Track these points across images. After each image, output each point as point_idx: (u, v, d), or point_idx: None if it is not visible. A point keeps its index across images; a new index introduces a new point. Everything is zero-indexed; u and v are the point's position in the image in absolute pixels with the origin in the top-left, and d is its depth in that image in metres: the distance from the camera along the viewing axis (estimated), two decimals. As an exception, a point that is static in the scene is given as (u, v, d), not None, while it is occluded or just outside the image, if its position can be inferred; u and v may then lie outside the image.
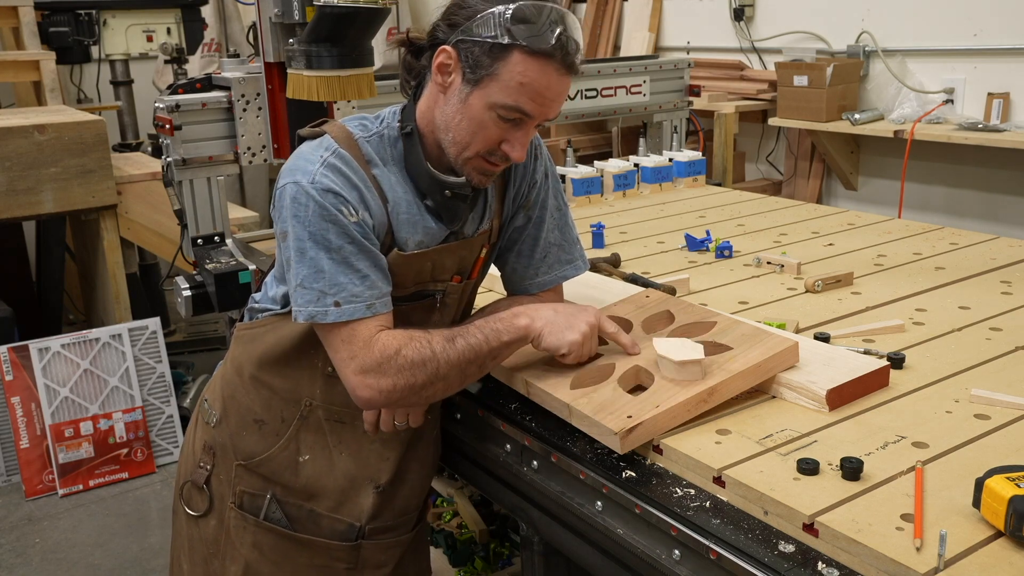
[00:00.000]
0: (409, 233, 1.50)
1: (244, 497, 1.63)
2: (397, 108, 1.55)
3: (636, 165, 3.20)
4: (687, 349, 1.44)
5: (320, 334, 1.45)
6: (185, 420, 3.83)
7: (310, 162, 1.43)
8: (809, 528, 1.14)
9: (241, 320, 1.70)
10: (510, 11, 1.36)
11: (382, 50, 6.12)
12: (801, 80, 4.21)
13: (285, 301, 1.56)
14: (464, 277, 1.62)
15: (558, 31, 1.37)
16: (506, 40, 1.36)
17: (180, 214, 2.54)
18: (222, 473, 1.65)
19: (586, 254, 1.76)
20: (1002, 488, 1.08)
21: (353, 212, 1.42)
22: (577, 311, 1.51)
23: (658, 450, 1.36)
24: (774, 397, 1.49)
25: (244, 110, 2.49)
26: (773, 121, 4.47)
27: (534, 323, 1.47)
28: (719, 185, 3.38)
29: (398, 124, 1.52)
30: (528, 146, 1.50)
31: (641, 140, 3.41)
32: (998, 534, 1.10)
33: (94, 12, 4.50)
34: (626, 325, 1.63)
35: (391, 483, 1.64)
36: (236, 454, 1.63)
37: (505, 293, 1.76)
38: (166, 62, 4.84)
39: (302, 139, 1.53)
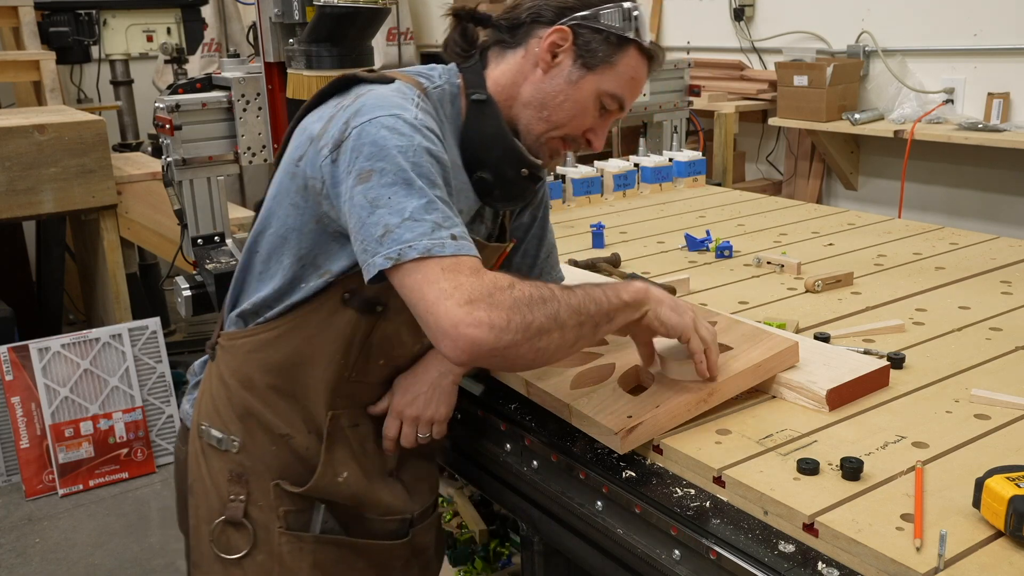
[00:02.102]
0: (454, 200, 1.37)
1: (290, 517, 1.45)
2: (452, 68, 1.47)
3: (636, 165, 3.19)
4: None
5: (411, 272, 1.19)
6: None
7: (404, 99, 1.32)
8: (809, 528, 1.14)
9: (222, 329, 1.52)
10: (637, 10, 1.40)
11: (382, 50, 6.12)
12: (801, 80, 4.22)
13: (303, 298, 1.39)
14: None
15: (651, 36, 1.43)
16: (631, 35, 1.40)
17: (180, 214, 2.54)
18: (260, 499, 1.46)
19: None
20: (1002, 488, 1.08)
21: (446, 158, 1.31)
22: (680, 301, 1.40)
23: (658, 450, 1.36)
24: (774, 397, 1.49)
25: (244, 110, 2.49)
26: (773, 121, 4.47)
27: (651, 292, 1.35)
28: (719, 185, 3.38)
29: (458, 84, 1.45)
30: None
31: (641, 140, 3.40)
32: (998, 534, 1.09)
33: (94, 12, 4.49)
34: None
35: (400, 467, 1.56)
36: (270, 472, 1.46)
37: None
38: (166, 62, 4.85)
39: (348, 81, 1.40)
